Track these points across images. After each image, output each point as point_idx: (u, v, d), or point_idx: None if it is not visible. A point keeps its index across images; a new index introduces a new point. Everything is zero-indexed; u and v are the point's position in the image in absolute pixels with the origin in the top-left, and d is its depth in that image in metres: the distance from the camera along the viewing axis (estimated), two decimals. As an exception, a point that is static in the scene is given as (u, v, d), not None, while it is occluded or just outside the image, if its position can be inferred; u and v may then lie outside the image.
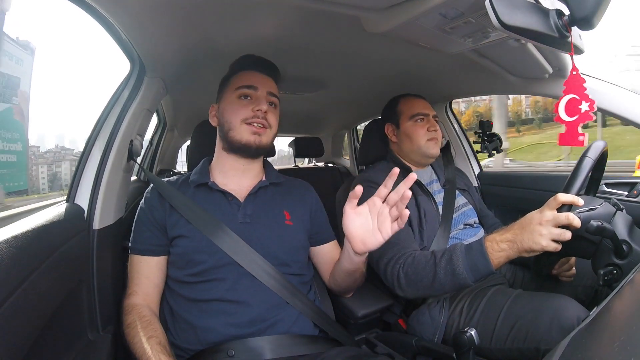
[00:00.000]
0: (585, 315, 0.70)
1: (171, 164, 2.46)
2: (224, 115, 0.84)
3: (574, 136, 0.62)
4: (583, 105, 0.61)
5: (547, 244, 0.69)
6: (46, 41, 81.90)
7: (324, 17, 0.77)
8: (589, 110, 0.60)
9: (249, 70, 0.87)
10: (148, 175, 1.00)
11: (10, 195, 3.60)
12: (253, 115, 0.81)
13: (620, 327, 0.37)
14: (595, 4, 0.51)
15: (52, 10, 75.66)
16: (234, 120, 0.82)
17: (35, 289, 0.52)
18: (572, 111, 0.62)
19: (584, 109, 0.61)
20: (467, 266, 0.77)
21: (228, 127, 0.82)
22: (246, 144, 0.81)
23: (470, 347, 0.59)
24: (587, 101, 0.61)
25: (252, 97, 0.84)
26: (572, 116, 0.62)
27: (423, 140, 1.08)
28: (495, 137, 1.49)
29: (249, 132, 0.81)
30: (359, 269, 0.82)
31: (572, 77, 0.62)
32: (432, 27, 0.76)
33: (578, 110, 0.61)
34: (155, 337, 0.68)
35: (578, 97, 0.61)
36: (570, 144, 0.63)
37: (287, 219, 0.85)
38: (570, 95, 0.62)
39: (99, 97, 8.73)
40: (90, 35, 36.22)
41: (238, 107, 0.82)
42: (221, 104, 0.86)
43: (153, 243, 0.79)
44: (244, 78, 0.85)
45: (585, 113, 0.61)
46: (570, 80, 0.62)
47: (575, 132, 0.62)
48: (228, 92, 0.85)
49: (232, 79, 0.87)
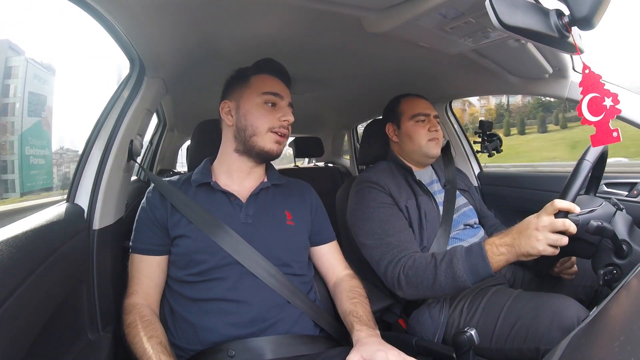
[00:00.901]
0: (585, 315, 0.70)
1: (171, 164, 2.47)
2: (247, 118, 0.81)
3: (607, 134, 0.58)
4: (607, 101, 0.58)
5: (543, 249, 0.70)
6: (46, 41, 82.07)
7: (324, 17, 0.77)
8: (614, 104, 0.57)
9: (272, 76, 0.86)
10: (149, 175, 1.00)
11: (39, 192, 4.54)
12: (280, 125, 0.81)
13: (620, 327, 0.37)
14: (595, 4, 0.51)
15: (52, 10, 75.51)
16: (261, 127, 0.80)
17: (35, 289, 0.52)
18: (596, 110, 0.59)
19: (608, 104, 0.58)
20: (468, 269, 0.78)
21: (252, 132, 0.81)
22: (269, 152, 0.82)
23: (470, 347, 0.59)
24: (609, 96, 0.58)
25: (277, 106, 0.83)
26: (598, 115, 0.59)
27: (424, 140, 1.08)
28: (495, 137, 1.49)
29: (273, 141, 0.81)
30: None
31: (587, 76, 0.59)
32: (432, 27, 0.76)
33: (603, 107, 0.58)
34: (156, 337, 0.68)
35: (599, 95, 0.59)
36: (606, 142, 0.59)
37: (289, 219, 0.85)
38: (591, 95, 0.59)
39: (99, 97, 8.89)
40: (90, 35, 35.88)
41: (265, 112, 0.81)
42: (242, 104, 0.83)
43: (154, 243, 0.79)
44: (269, 84, 0.83)
45: (611, 108, 0.58)
46: (585, 79, 0.60)
47: (607, 130, 0.58)
48: (251, 93, 0.83)
49: (253, 80, 0.84)
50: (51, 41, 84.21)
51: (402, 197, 1.01)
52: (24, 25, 48.63)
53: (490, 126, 1.51)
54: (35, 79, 5.91)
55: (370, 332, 0.70)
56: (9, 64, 6.65)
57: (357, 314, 0.75)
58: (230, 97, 0.86)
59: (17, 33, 11.54)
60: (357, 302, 0.79)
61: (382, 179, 1.02)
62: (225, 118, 0.85)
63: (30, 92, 6.15)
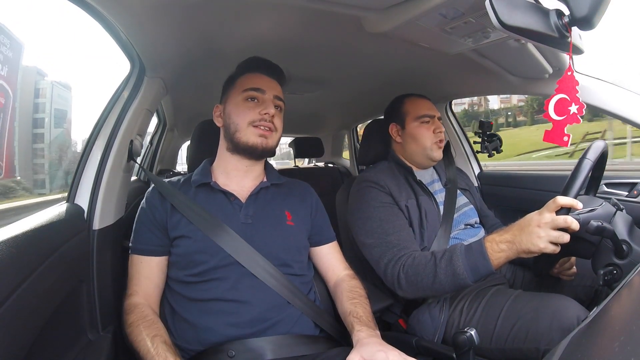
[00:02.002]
0: (585, 315, 0.70)
1: (171, 164, 2.47)
2: (230, 117, 0.83)
3: (559, 135, 0.63)
4: (572, 107, 0.61)
5: (544, 246, 0.70)
6: (45, 41, 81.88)
7: (325, 17, 0.77)
8: (578, 113, 0.61)
9: (256, 73, 0.86)
10: (149, 175, 1.00)
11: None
12: (260, 119, 0.81)
13: (620, 327, 0.37)
14: (595, 4, 0.51)
15: (51, 10, 75.53)
16: (241, 122, 0.82)
17: (35, 289, 0.52)
18: (561, 111, 0.63)
19: (573, 110, 0.61)
20: (468, 266, 0.77)
21: (235, 129, 0.82)
22: (252, 146, 0.82)
23: (470, 347, 0.58)
24: (577, 104, 0.61)
25: (259, 100, 0.84)
26: (561, 116, 0.62)
27: (429, 142, 1.07)
28: (495, 137, 1.49)
29: (256, 135, 0.82)
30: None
31: (567, 77, 0.62)
32: (432, 27, 0.76)
33: (567, 111, 0.62)
34: (160, 335, 0.68)
35: (569, 98, 0.62)
36: (555, 142, 0.64)
37: (289, 219, 0.85)
38: (561, 95, 0.62)
39: (99, 98, 9.58)
40: (90, 35, 36.03)
41: (245, 109, 0.82)
42: (227, 105, 0.86)
43: (154, 243, 0.79)
44: (250, 80, 0.85)
45: (573, 115, 0.61)
46: (564, 80, 0.62)
47: (561, 132, 0.62)
48: (234, 93, 0.85)
49: (238, 80, 0.86)
50: (63, 52, 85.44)
51: (403, 196, 1.01)
52: (44, 48, 51.48)
53: (490, 126, 1.51)
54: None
55: (370, 332, 0.70)
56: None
57: (357, 315, 0.76)
58: (221, 101, 0.89)
59: (39, 55, 12.06)
60: (357, 303, 0.79)
61: (382, 179, 1.02)
62: (216, 121, 0.89)
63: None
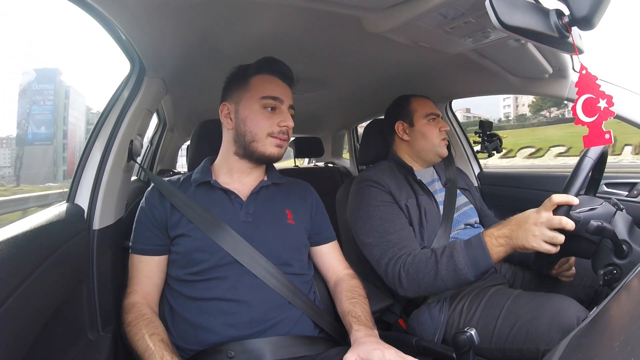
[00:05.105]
0: (585, 315, 0.70)
1: (171, 164, 2.47)
2: (246, 124, 0.80)
3: (599, 135, 0.59)
4: (601, 103, 0.59)
5: (538, 245, 0.70)
6: (46, 41, 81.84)
7: (324, 17, 0.76)
8: (608, 106, 0.58)
9: (272, 76, 0.84)
10: (149, 175, 1.00)
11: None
12: (279, 130, 0.81)
13: (620, 327, 0.37)
14: (595, 4, 0.51)
15: (51, 9, 75.15)
16: (260, 133, 0.80)
17: (35, 289, 0.52)
18: (590, 111, 0.60)
19: (603, 106, 0.58)
20: (468, 261, 0.78)
21: (251, 138, 0.80)
22: (269, 156, 0.81)
23: (470, 347, 0.58)
24: (604, 97, 0.58)
25: (277, 110, 0.82)
26: (592, 116, 0.59)
27: (437, 139, 1.09)
28: (495, 137, 1.49)
29: (273, 145, 0.81)
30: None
31: (583, 76, 0.60)
32: (432, 27, 0.76)
33: (597, 109, 0.59)
34: (157, 334, 0.68)
35: (594, 96, 0.59)
36: (598, 143, 0.60)
37: (289, 218, 0.85)
38: (586, 96, 0.60)
39: (99, 98, 9.85)
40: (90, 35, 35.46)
41: (263, 118, 0.80)
42: (241, 108, 0.82)
43: (153, 243, 0.79)
44: (268, 86, 0.82)
45: (605, 110, 0.58)
46: (581, 80, 0.60)
47: (599, 131, 0.59)
48: (249, 97, 0.81)
49: (252, 82, 0.82)
50: (63, 52, 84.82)
51: (403, 196, 1.01)
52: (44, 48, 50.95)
53: (490, 126, 1.51)
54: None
55: (368, 331, 0.70)
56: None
57: (355, 314, 0.75)
58: (229, 99, 0.85)
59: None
60: (356, 302, 0.79)
61: (382, 178, 1.02)
62: (224, 121, 0.84)
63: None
